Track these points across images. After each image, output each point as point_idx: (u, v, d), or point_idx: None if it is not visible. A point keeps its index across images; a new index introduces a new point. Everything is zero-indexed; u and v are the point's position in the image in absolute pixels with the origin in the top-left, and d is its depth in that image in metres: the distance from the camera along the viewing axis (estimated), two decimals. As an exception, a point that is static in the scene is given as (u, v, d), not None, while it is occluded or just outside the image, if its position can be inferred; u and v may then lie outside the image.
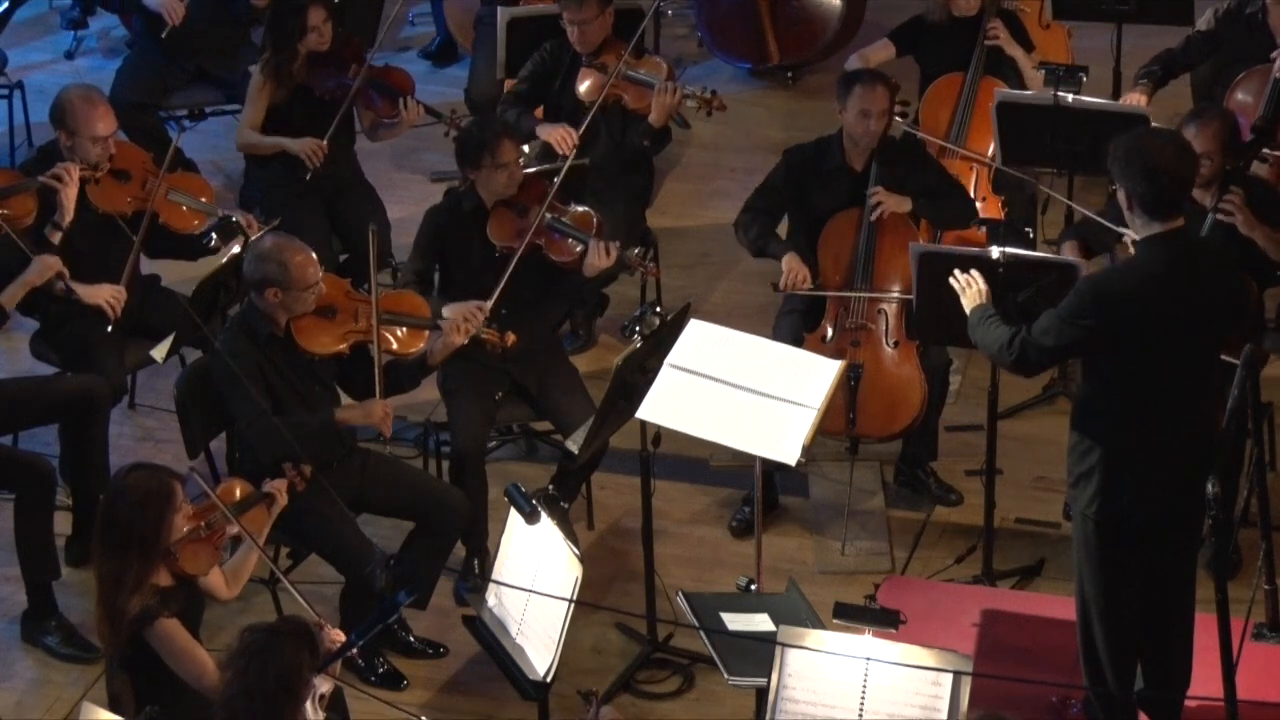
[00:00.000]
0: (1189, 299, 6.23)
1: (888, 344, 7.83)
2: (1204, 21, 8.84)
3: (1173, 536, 6.43)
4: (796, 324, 7.93)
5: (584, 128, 8.61)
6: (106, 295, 7.66)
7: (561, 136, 8.58)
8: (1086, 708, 6.75)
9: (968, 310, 6.67)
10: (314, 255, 7.08)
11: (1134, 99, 8.68)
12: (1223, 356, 6.47)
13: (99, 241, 7.81)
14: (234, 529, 6.42)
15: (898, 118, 8.27)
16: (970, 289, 6.71)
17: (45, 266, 7.49)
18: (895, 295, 7.80)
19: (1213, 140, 7.18)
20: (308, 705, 5.55)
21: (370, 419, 7.11)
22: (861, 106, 7.86)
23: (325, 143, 8.61)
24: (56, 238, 7.64)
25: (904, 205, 7.91)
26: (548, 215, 7.72)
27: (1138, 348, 6.20)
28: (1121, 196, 6.27)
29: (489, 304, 7.51)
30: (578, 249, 7.71)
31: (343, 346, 7.19)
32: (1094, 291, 6.25)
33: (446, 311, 7.51)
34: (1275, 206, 7.40)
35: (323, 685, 5.67)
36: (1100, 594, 6.44)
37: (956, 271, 6.79)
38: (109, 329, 7.67)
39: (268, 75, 8.74)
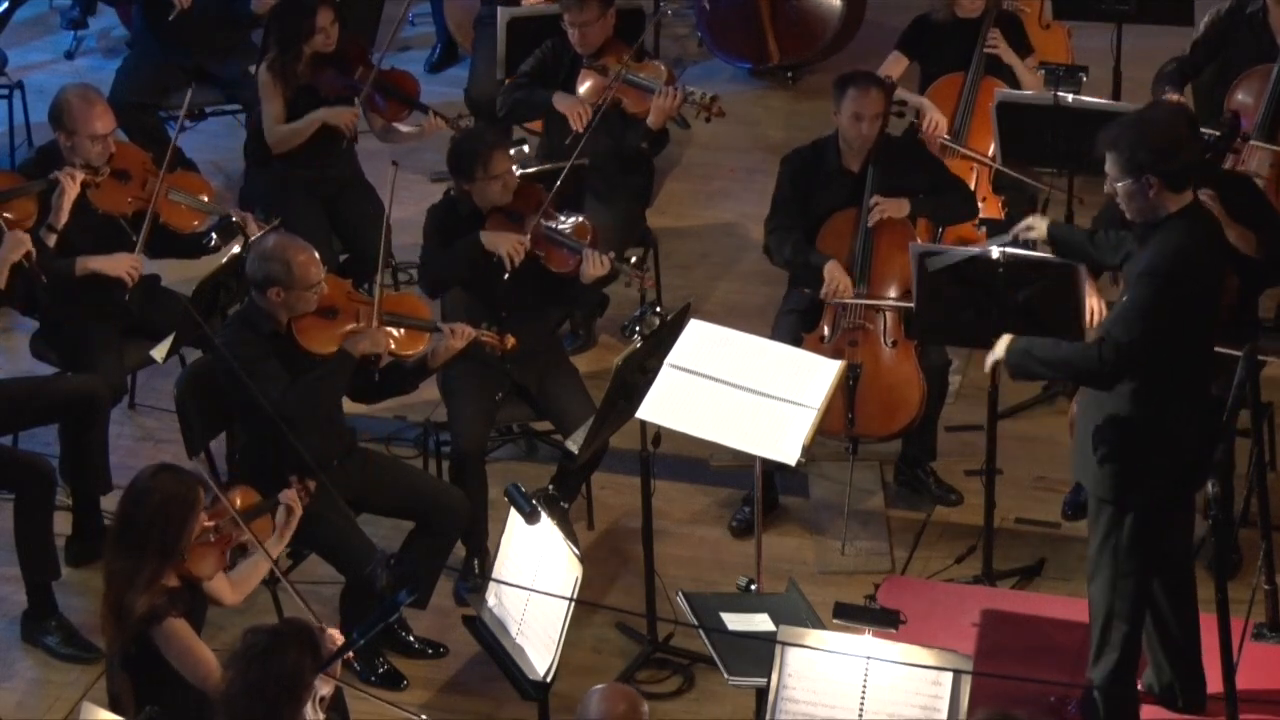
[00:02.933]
0: (1220, 265, 6.37)
1: (886, 344, 7.83)
2: (1205, 24, 8.83)
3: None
4: (795, 324, 7.93)
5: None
6: (126, 266, 7.72)
7: (578, 112, 8.57)
8: (1084, 707, 6.76)
9: (1003, 351, 6.53)
10: (317, 255, 7.08)
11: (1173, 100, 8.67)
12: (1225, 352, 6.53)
13: (99, 242, 7.80)
14: (244, 536, 6.42)
15: (897, 117, 8.26)
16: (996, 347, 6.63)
17: (17, 241, 7.42)
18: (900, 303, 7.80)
19: None
20: (308, 707, 5.55)
21: (377, 344, 7.08)
22: (854, 110, 7.86)
23: (358, 105, 8.66)
24: (51, 240, 7.63)
25: (902, 209, 7.91)
26: (544, 224, 7.73)
27: (1191, 321, 6.27)
28: (1138, 187, 6.21)
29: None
30: (573, 259, 7.72)
31: (343, 347, 7.20)
32: (1164, 274, 6.21)
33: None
34: (1251, 204, 7.40)
35: (323, 687, 5.66)
36: (1147, 584, 6.51)
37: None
38: (126, 297, 7.73)
39: (274, 75, 8.74)
